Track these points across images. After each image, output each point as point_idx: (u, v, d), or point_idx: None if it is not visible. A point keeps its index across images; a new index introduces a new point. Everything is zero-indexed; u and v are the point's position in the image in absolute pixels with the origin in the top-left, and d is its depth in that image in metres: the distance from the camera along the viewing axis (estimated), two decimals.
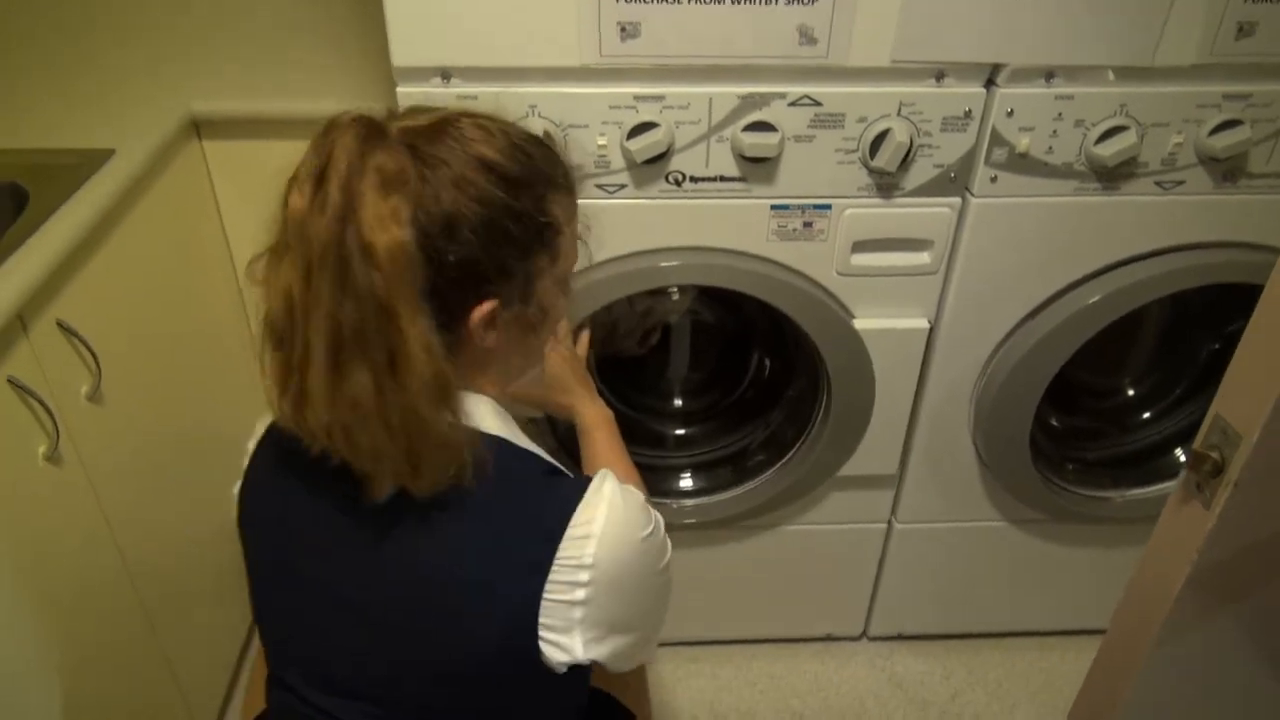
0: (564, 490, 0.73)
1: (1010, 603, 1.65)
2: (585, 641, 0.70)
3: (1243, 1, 1.06)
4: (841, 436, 1.36)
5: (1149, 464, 1.49)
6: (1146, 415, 1.54)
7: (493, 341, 0.73)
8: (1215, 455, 0.58)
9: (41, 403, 0.95)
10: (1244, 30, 1.08)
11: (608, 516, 0.70)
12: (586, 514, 0.70)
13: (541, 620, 0.69)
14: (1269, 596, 0.69)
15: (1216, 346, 1.46)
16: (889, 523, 1.52)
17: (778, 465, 1.42)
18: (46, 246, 0.99)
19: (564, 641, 0.70)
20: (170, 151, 1.27)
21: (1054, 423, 1.51)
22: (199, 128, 1.35)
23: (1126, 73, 1.11)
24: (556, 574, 0.69)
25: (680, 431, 1.54)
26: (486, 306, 0.70)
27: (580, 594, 0.69)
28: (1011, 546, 1.54)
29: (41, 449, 0.97)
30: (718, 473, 1.47)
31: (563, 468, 0.79)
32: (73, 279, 1.04)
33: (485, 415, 0.76)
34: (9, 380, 0.92)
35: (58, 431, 0.98)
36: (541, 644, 0.70)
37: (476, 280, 0.69)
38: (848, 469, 1.40)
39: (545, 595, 0.69)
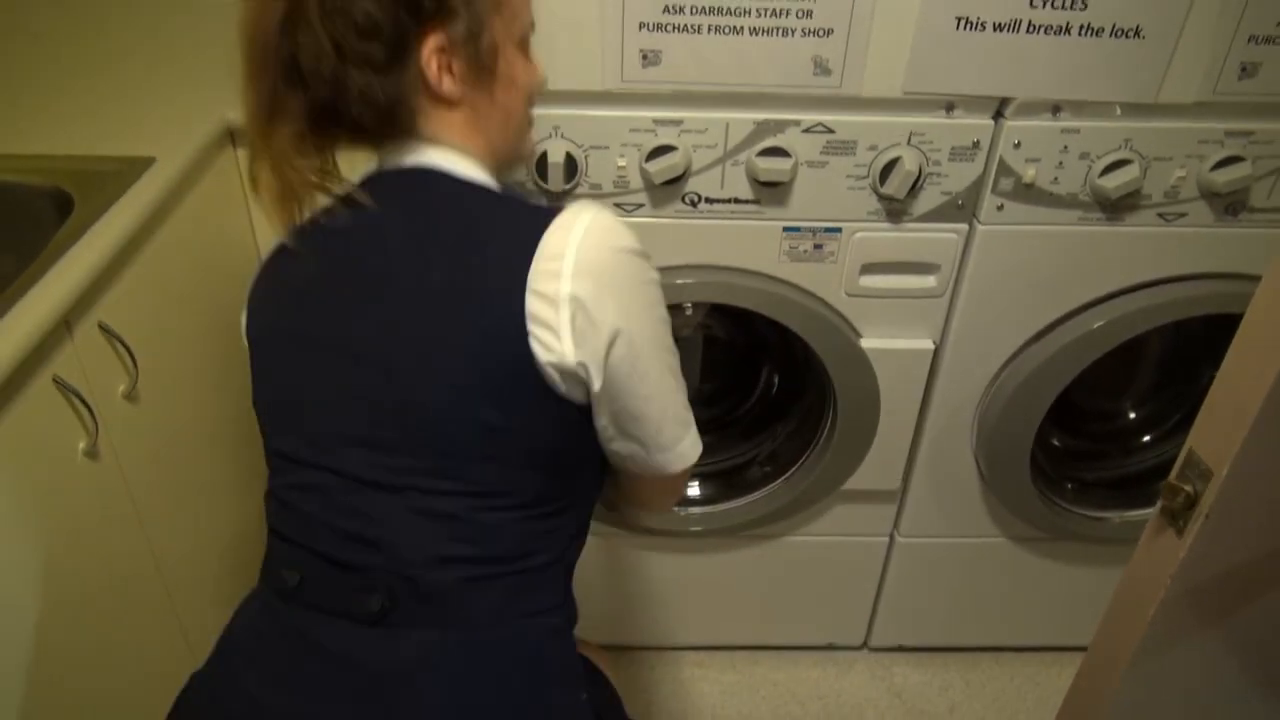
0: (546, 208, 0.76)
1: (1010, 618, 1.68)
2: (575, 341, 0.72)
3: (1246, 43, 1.09)
4: (847, 451, 1.40)
5: (1147, 487, 1.52)
6: (1146, 439, 1.57)
7: (450, 88, 0.78)
8: (1188, 488, 0.62)
9: (83, 401, 1.00)
10: (1247, 70, 1.11)
11: (590, 222, 0.74)
12: (567, 219, 0.74)
13: (529, 311, 0.71)
14: (1245, 619, 0.73)
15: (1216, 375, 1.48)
16: (891, 536, 1.56)
17: (784, 477, 1.46)
18: (91, 252, 1.04)
19: (552, 341, 0.71)
20: (207, 159, 1.32)
21: (1055, 443, 1.55)
22: (234, 136, 1.40)
23: (1131, 108, 1.15)
24: (539, 264, 0.71)
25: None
26: (432, 41, 0.75)
27: (565, 286, 0.71)
28: (1011, 563, 1.57)
29: (81, 445, 1.02)
30: (725, 482, 1.51)
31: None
32: (115, 282, 1.09)
33: (466, 168, 0.80)
34: (54, 379, 0.97)
35: (97, 428, 1.03)
36: (531, 340, 0.71)
37: (415, 5, 0.74)
38: (852, 483, 1.44)
39: (530, 284, 0.71)
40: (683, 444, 0.85)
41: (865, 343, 1.29)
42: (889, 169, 1.16)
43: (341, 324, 0.77)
